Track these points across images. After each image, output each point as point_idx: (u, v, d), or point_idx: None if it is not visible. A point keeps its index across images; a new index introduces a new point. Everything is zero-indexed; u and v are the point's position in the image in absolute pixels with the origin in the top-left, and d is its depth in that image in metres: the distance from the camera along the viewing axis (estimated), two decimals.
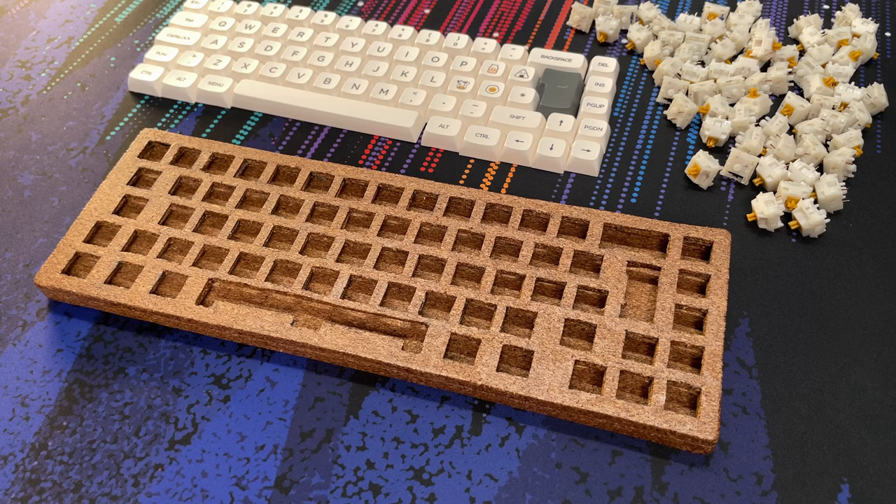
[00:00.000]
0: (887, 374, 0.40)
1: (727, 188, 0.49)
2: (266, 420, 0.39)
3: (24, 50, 0.60)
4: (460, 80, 0.55)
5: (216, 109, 0.55)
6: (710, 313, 0.41)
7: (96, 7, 0.64)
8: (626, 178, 0.50)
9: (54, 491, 0.36)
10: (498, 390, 0.38)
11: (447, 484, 0.37)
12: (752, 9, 0.59)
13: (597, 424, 0.38)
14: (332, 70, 0.56)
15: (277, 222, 0.45)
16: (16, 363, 0.41)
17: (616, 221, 0.44)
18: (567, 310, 0.41)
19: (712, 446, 0.36)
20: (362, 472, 0.37)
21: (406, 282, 0.42)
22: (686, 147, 0.51)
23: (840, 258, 0.45)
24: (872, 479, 0.36)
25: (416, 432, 0.38)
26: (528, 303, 0.41)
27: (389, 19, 0.62)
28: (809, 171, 0.47)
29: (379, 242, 0.44)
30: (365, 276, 0.43)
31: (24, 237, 0.47)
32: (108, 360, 0.41)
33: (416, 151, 0.52)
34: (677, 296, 0.41)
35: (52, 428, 0.39)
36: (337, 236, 0.45)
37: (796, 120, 0.52)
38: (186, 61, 0.57)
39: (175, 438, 0.38)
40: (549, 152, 0.50)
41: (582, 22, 0.60)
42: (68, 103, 0.56)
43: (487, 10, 0.63)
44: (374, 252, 0.44)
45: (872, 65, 0.56)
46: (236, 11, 0.61)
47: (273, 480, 0.37)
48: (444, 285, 0.42)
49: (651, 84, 0.56)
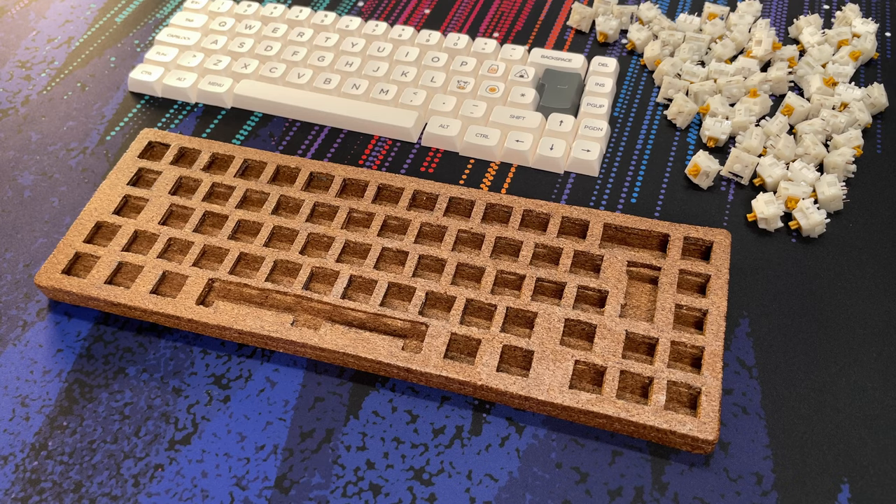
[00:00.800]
0: (887, 374, 0.40)
1: (727, 188, 0.49)
2: (266, 420, 0.39)
3: (24, 50, 0.60)
4: (460, 80, 0.55)
5: (216, 109, 0.55)
6: (710, 313, 0.41)
7: (96, 7, 0.64)
8: (626, 178, 0.50)
9: (54, 491, 0.36)
10: (498, 390, 0.38)
11: (447, 484, 0.37)
12: (752, 9, 0.59)
13: (597, 424, 0.38)
14: (332, 70, 0.56)
15: (277, 222, 0.45)
16: (16, 363, 0.41)
17: (616, 221, 0.45)
18: (567, 310, 0.41)
19: (712, 446, 0.36)
20: (362, 472, 0.37)
21: (406, 282, 0.42)
22: (686, 147, 0.51)
23: (840, 258, 0.45)
24: (872, 479, 0.36)
25: (416, 432, 0.38)
26: (529, 303, 0.41)
27: (389, 19, 0.62)
28: (809, 171, 0.47)
29: (379, 242, 0.44)
30: (365, 276, 0.43)
31: (24, 237, 0.47)
32: (108, 360, 0.41)
33: (416, 151, 0.52)
34: (677, 296, 0.41)
35: (52, 428, 0.39)
36: (337, 236, 0.45)
37: (796, 120, 0.52)
38: (186, 61, 0.57)
39: (175, 438, 0.38)
40: (550, 152, 0.50)
41: (582, 22, 0.60)
42: (68, 103, 0.56)
43: (487, 10, 0.63)
44: (374, 252, 0.44)
45: (872, 65, 0.56)
46: (236, 11, 0.61)
47: (273, 480, 0.37)
48: (444, 285, 0.42)
49: (651, 84, 0.56)
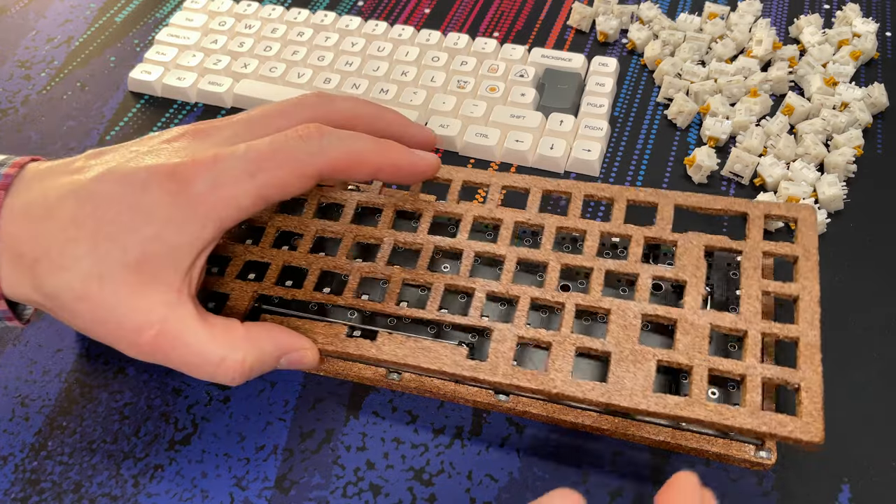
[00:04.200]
0: (887, 374, 0.40)
1: (727, 188, 0.49)
2: (266, 420, 0.39)
3: (23, 50, 0.60)
4: (460, 79, 0.55)
5: (216, 109, 0.55)
6: (801, 299, 0.36)
7: (96, 7, 0.64)
8: (626, 177, 0.50)
9: (54, 491, 0.36)
10: (575, 398, 0.34)
11: (447, 484, 0.37)
12: (752, 8, 0.59)
13: (651, 443, 0.36)
14: (332, 70, 0.56)
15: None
16: (16, 363, 0.41)
17: (689, 202, 0.40)
18: (643, 304, 0.36)
19: (818, 449, 0.33)
20: (362, 472, 0.37)
21: (464, 283, 0.38)
22: (686, 147, 0.51)
23: (840, 258, 0.45)
24: (872, 480, 0.36)
25: (417, 432, 0.38)
26: (600, 298, 0.37)
27: (389, 19, 0.62)
28: (810, 171, 0.47)
29: (430, 241, 0.40)
30: (418, 279, 0.39)
31: None
32: (108, 360, 0.41)
33: None
34: (762, 281, 0.37)
35: (52, 428, 0.39)
36: (386, 237, 0.41)
37: (797, 120, 0.52)
38: (186, 61, 0.57)
39: (175, 439, 0.38)
40: (550, 152, 0.50)
41: (582, 22, 0.60)
42: (68, 103, 0.56)
43: (487, 9, 0.63)
44: (425, 252, 0.40)
45: (873, 64, 0.56)
46: (236, 11, 0.61)
47: (273, 481, 0.37)
48: (505, 284, 0.38)
49: (651, 84, 0.56)
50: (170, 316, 0.33)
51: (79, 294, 0.32)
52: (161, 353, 0.33)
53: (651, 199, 0.40)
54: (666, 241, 0.39)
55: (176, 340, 0.33)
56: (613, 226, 0.39)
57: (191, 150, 0.35)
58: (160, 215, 0.33)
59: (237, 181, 0.34)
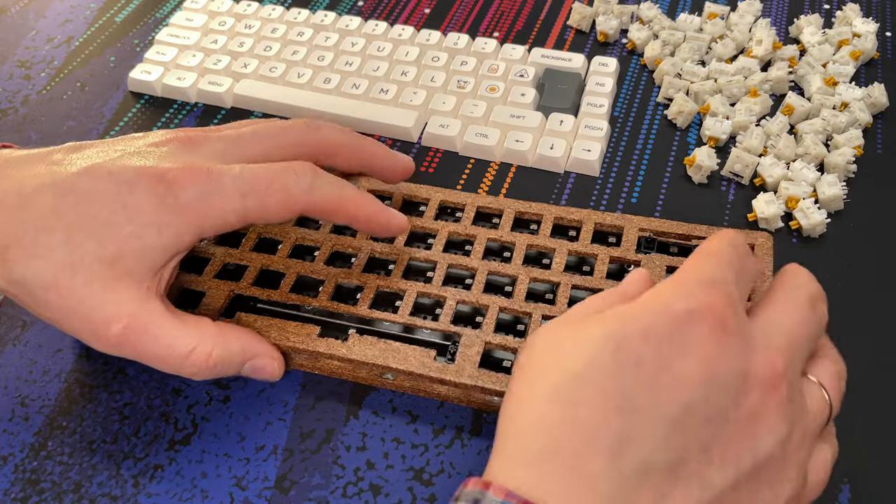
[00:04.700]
0: (887, 374, 0.40)
1: (727, 188, 0.49)
2: (266, 420, 0.39)
3: (23, 50, 0.60)
4: (460, 79, 0.55)
5: (216, 109, 0.55)
6: None
7: (96, 7, 0.64)
8: (626, 177, 0.50)
9: (54, 491, 0.36)
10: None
11: (447, 484, 0.36)
12: (752, 8, 0.59)
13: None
14: (331, 70, 0.56)
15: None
16: (16, 363, 0.41)
17: (651, 227, 0.43)
18: None
19: None
20: (362, 472, 0.37)
21: (436, 291, 0.40)
22: (686, 147, 0.51)
23: (840, 258, 0.45)
24: (872, 480, 0.36)
25: (417, 432, 0.38)
26: (564, 310, 0.38)
27: (389, 19, 0.62)
28: (810, 171, 0.47)
29: (406, 252, 0.42)
30: (392, 287, 0.41)
31: None
32: (107, 360, 0.41)
33: (416, 151, 0.52)
34: None
35: (52, 428, 0.39)
36: (363, 247, 0.43)
37: (797, 120, 0.52)
38: (186, 61, 0.57)
39: (175, 439, 0.38)
40: (550, 152, 0.50)
41: (582, 22, 0.60)
42: (68, 103, 0.56)
43: (487, 9, 0.63)
44: (401, 263, 0.42)
45: (873, 64, 0.56)
46: (236, 11, 0.61)
47: (273, 481, 0.37)
48: (475, 294, 0.40)
49: (651, 84, 0.56)
50: (139, 310, 0.34)
51: (49, 283, 0.33)
52: (129, 345, 0.34)
53: (617, 223, 0.43)
54: (630, 262, 0.41)
55: (145, 333, 0.34)
56: (581, 245, 0.42)
57: (181, 157, 0.35)
58: (143, 216, 0.34)
59: (228, 199, 0.35)
